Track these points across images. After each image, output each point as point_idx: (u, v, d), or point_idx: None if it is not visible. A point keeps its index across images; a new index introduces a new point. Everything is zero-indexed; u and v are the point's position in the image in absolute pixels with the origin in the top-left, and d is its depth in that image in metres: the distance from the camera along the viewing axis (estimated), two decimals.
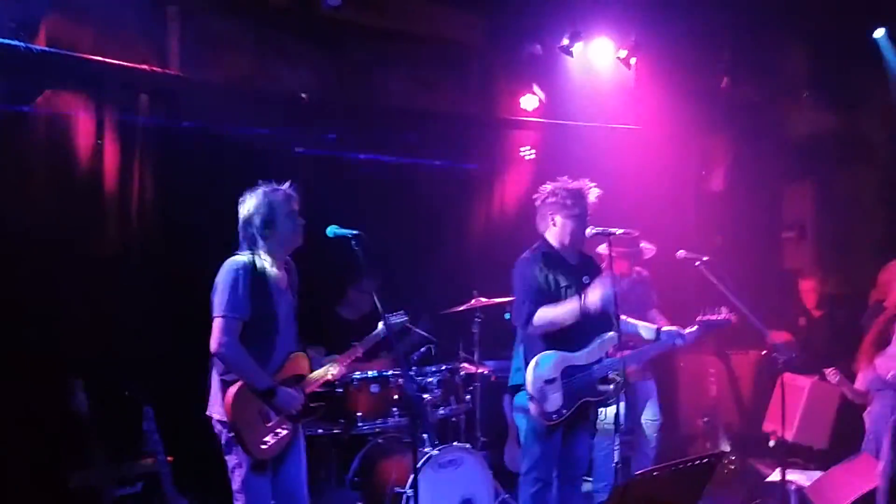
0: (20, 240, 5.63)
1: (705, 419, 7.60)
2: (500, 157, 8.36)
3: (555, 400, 5.04)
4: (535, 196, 5.30)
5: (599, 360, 5.13)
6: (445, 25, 7.49)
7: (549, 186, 5.24)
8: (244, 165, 6.30)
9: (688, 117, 8.64)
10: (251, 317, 4.47)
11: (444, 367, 6.26)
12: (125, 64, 6.15)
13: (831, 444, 6.88)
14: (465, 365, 6.54)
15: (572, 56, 7.83)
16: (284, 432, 4.56)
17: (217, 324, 4.43)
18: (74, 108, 6.03)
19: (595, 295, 4.95)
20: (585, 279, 5.18)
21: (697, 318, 5.48)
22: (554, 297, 5.09)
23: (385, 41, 7.25)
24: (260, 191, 4.59)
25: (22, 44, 5.61)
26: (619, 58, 7.98)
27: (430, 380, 6.15)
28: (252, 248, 4.58)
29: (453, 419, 6.55)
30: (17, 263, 5.61)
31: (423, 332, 6.34)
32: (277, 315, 4.58)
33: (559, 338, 5.07)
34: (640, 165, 8.31)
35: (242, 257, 4.54)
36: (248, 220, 4.57)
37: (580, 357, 5.11)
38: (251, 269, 4.49)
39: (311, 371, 4.77)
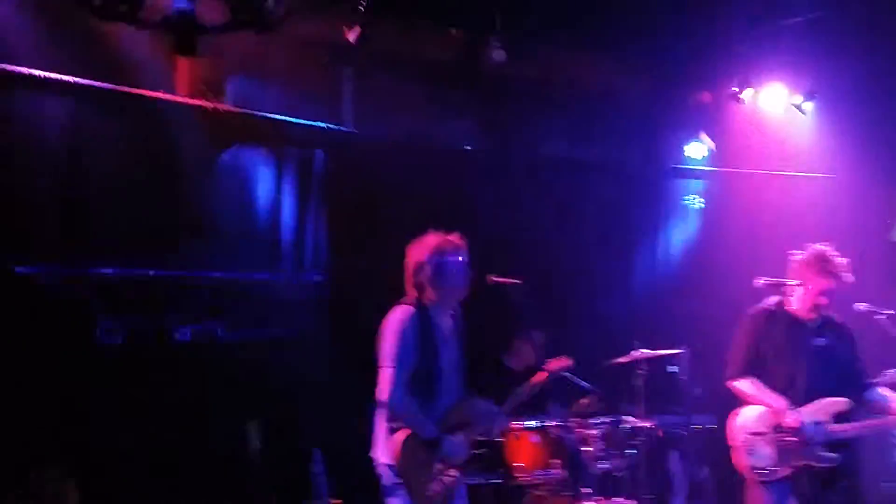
0: (199, 287, 6.01)
1: (886, 484, 7.11)
2: (665, 206, 8.24)
3: (765, 455, 4.93)
4: (793, 251, 5.21)
5: (819, 423, 4.92)
6: (610, 75, 7.50)
7: (815, 247, 5.16)
8: (416, 216, 6.52)
9: (869, 164, 8.25)
10: (417, 366, 4.52)
11: (606, 420, 6.17)
12: (302, 122, 6.51)
13: None
14: (630, 418, 6.41)
15: (742, 103, 7.66)
16: (450, 479, 4.60)
17: (385, 374, 4.48)
18: (256, 161, 6.42)
19: (807, 415, 4.87)
20: (820, 341, 5.07)
21: None
22: (767, 359, 5.06)
23: (549, 92, 7.33)
24: (432, 239, 4.63)
25: (210, 104, 6.05)
26: (793, 104, 7.74)
27: (592, 432, 6.07)
28: (420, 294, 4.64)
29: (617, 474, 6.41)
30: (198, 309, 6.01)
31: (585, 384, 6.27)
32: (441, 364, 4.62)
33: (779, 390, 4.98)
34: (816, 215, 7.99)
35: (408, 307, 4.58)
36: (419, 268, 4.61)
37: (795, 415, 4.93)
38: (418, 318, 4.54)
39: (477, 419, 4.78)
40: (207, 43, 5.76)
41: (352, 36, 6.06)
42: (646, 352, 6.36)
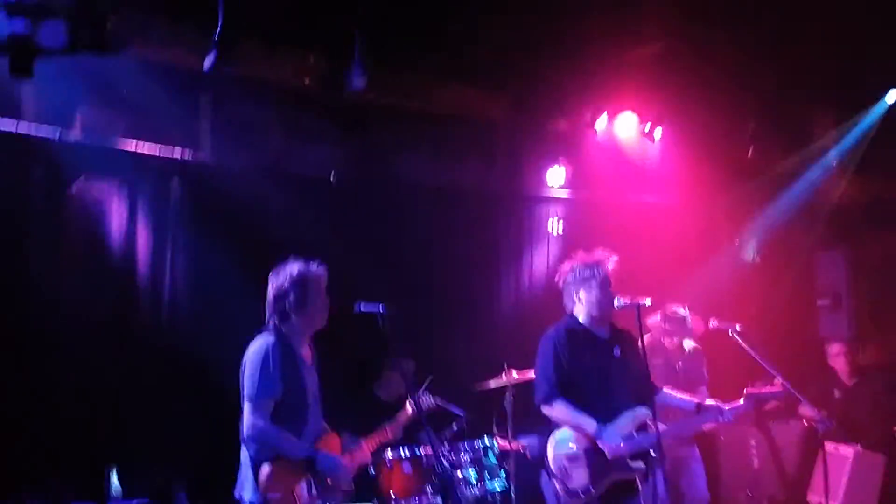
0: (54, 323, 5.71)
1: (748, 492, 7.39)
2: (528, 231, 8.39)
3: (579, 477, 4.94)
4: (556, 278, 5.29)
5: (630, 436, 5.01)
6: (469, 104, 7.58)
7: (566, 265, 5.26)
8: (276, 247, 6.40)
9: (717, 188, 8.64)
10: (283, 394, 4.45)
11: (477, 444, 6.18)
12: (157, 153, 6.30)
13: None
14: (499, 441, 6.43)
15: (597, 131, 7.90)
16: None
17: (248, 407, 4.42)
18: (108, 194, 6.17)
19: (613, 438, 4.93)
20: (616, 352, 5.13)
21: (745, 391, 5.36)
22: (574, 378, 5.05)
23: (409, 121, 7.36)
24: (294, 266, 4.62)
25: (57, 134, 5.77)
26: (643, 132, 8.04)
27: (463, 457, 6.06)
28: (281, 323, 4.59)
29: (489, 497, 6.41)
30: (50, 347, 5.68)
31: (454, 409, 6.26)
32: (307, 391, 4.58)
33: (586, 406, 5.00)
34: (670, 237, 8.31)
35: (270, 336, 4.53)
36: (281, 295, 4.59)
37: (607, 436, 4.99)
38: (280, 347, 4.49)
39: (342, 451, 4.76)
40: (53, 67, 5.55)
41: (207, 62, 5.90)
42: (514, 374, 6.41)
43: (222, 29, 5.61)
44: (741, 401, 5.32)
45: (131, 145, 6.19)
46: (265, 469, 4.39)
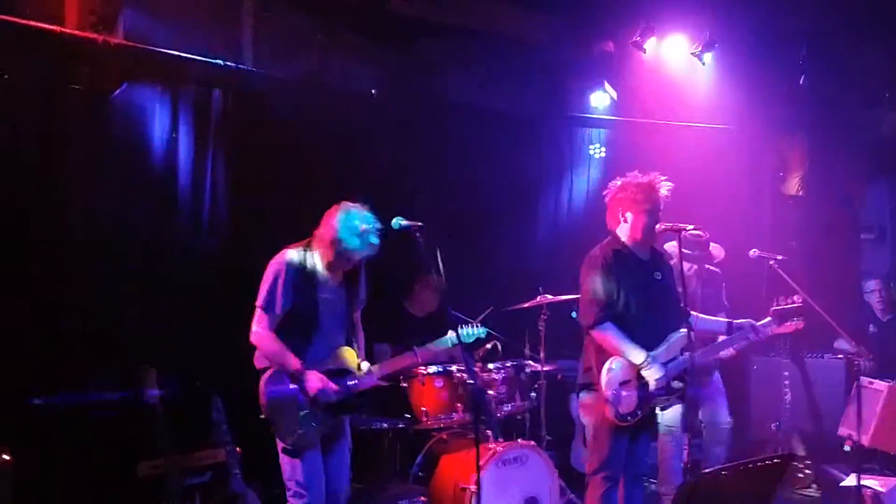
0: (92, 229, 5.77)
1: (778, 423, 7.40)
2: (570, 154, 8.30)
3: (629, 402, 4.94)
4: (604, 192, 5.22)
5: (674, 359, 5.02)
6: (516, 22, 7.44)
7: (618, 182, 5.16)
8: (315, 159, 6.41)
9: (764, 116, 8.46)
10: (291, 309, 4.62)
11: (509, 364, 6.22)
12: (200, 58, 6.25)
13: None
14: (531, 362, 6.48)
15: (644, 52, 7.73)
16: (316, 426, 4.62)
17: (255, 313, 4.64)
18: (150, 100, 6.15)
19: (655, 374, 4.89)
20: (657, 275, 5.10)
21: (771, 309, 5.33)
22: (620, 299, 4.98)
23: (454, 38, 7.25)
24: (341, 208, 4.72)
25: (100, 37, 5.74)
26: (693, 54, 7.85)
27: (495, 376, 6.11)
28: (312, 242, 4.74)
29: (518, 417, 6.50)
30: (89, 252, 5.75)
31: (489, 329, 6.29)
32: (318, 310, 4.69)
33: (630, 338, 4.97)
34: (714, 165, 8.19)
35: (292, 252, 4.69)
36: (324, 229, 4.71)
37: (654, 366, 4.97)
38: (296, 265, 4.65)
39: (358, 368, 4.83)
40: None
41: None
42: (549, 297, 6.42)
43: None
44: (767, 318, 5.28)
45: (173, 52, 6.14)
46: (265, 376, 4.64)
